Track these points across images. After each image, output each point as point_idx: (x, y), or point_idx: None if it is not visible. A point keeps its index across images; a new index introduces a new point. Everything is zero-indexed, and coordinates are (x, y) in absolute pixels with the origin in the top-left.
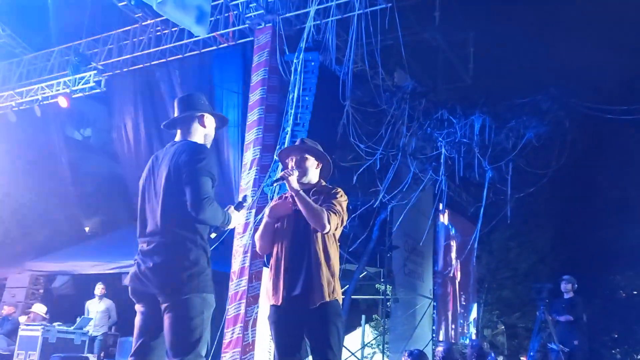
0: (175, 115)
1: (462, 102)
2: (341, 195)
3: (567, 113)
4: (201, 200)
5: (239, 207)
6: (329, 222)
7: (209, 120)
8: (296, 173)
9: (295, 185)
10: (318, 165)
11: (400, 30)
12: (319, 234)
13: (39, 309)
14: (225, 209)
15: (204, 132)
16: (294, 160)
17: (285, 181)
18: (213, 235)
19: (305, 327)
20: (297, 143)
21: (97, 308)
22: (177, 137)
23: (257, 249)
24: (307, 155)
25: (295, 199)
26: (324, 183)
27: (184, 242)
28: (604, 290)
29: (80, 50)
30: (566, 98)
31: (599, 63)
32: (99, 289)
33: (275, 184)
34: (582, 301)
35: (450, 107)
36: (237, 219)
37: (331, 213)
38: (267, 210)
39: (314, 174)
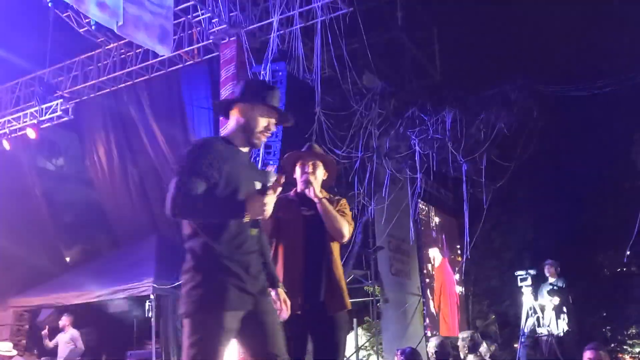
0: None
1: (431, 99)
2: (346, 205)
3: (535, 100)
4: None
5: None
6: (348, 232)
7: None
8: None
9: (319, 193)
10: (325, 173)
11: (365, 32)
12: (332, 243)
13: (2, 347)
14: None
15: None
16: (311, 165)
17: (308, 188)
18: None
19: (314, 333)
20: (304, 149)
21: (62, 339)
22: None
23: None
24: (319, 162)
25: (319, 207)
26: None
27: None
28: (588, 271)
29: (45, 79)
30: (533, 85)
31: (561, 46)
32: (62, 320)
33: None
34: (566, 284)
35: (421, 104)
36: None
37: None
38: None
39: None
